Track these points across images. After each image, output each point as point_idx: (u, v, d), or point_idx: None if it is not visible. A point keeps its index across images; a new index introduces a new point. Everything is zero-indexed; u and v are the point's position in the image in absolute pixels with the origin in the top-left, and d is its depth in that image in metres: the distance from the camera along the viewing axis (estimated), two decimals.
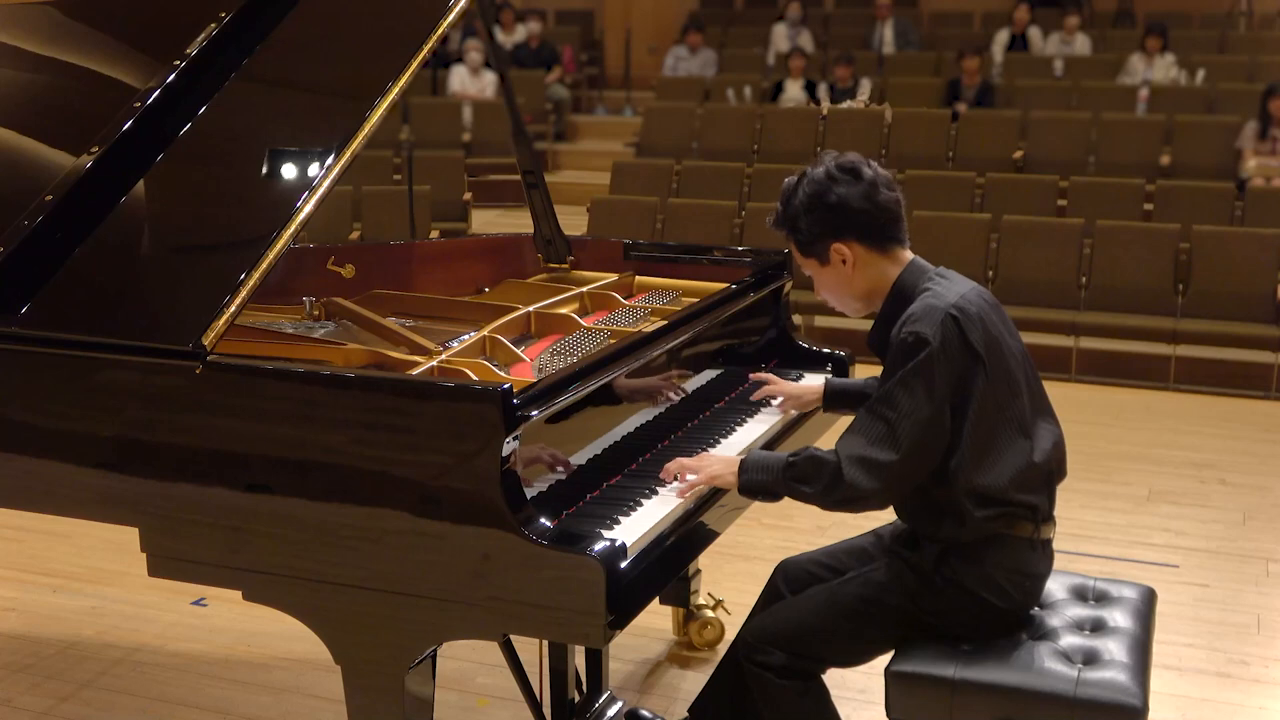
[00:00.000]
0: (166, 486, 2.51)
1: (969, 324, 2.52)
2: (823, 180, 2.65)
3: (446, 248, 4.00)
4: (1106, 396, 6.83)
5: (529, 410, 2.36)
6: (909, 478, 2.54)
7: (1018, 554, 2.61)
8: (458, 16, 2.95)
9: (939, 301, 2.55)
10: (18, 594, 4.28)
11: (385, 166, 9.57)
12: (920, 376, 2.49)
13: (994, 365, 2.54)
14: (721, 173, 8.79)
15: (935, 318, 2.51)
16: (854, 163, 2.68)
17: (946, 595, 2.62)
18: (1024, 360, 2.66)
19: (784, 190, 2.73)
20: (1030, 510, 2.60)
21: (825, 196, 2.64)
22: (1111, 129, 9.17)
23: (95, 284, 2.76)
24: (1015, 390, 2.58)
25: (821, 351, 3.62)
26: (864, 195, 2.63)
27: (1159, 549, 4.73)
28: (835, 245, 2.66)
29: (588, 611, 2.24)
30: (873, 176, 2.66)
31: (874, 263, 2.67)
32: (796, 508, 2.64)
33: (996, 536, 2.59)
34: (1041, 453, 2.61)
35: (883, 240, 2.66)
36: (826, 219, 2.64)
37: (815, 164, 2.71)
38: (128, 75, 3.08)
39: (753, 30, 13.48)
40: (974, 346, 2.51)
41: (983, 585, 2.60)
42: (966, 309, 2.54)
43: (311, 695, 3.60)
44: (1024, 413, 2.59)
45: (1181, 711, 3.56)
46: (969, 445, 2.52)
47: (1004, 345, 2.59)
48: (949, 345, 2.49)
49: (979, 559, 2.59)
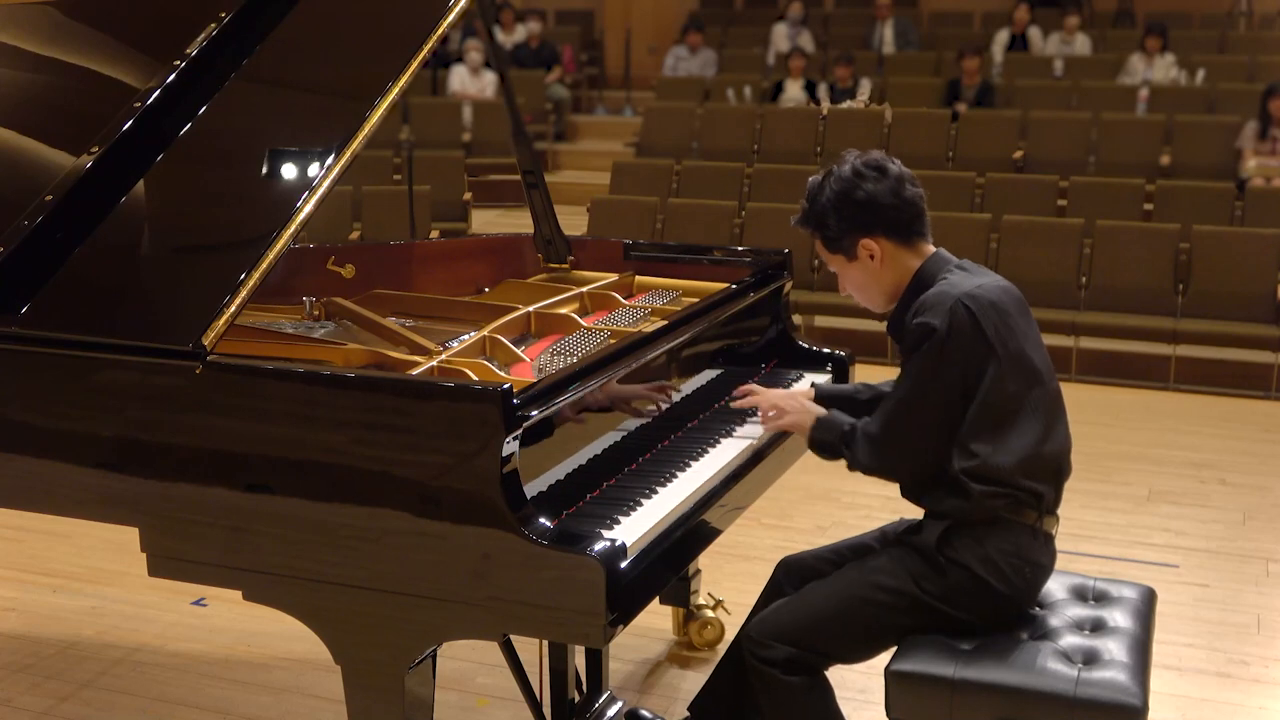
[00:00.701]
0: (166, 486, 2.51)
1: (981, 311, 2.57)
2: (850, 177, 2.71)
3: (446, 248, 4.00)
4: (1106, 396, 6.83)
5: (529, 410, 2.36)
6: (918, 457, 2.65)
7: (1019, 539, 2.63)
8: (458, 16, 2.95)
9: (952, 290, 2.62)
10: (18, 594, 4.28)
11: (385, 166, 9.57)
12: (927, 363, 2.58)
13: (1008, 351, 2.58)
14: (721, 173, 8.79)
15: (945, 305, 2.58)
16: (879, 160, 2.74)
17: (949, 576, 2.63)
18: (1045, 359, 2.69)
19: (809, 188, 2.78)
20: (1035, 498, 2.62)
21: (853, 193, 2.69)
22: (1111, 129, 9.17)
23: (95, 284, 2.76)
24: (1033, 379, 2.62)
25: (821, 351, 3.62)
26: (891, 191, 2.70)
27: (1159, 549, 4.73)
28: (864, 241, 2.71)
29: (588, 611, 2.24)
30: (898, 172, 2.73)
31: (900, 257, 2.73)
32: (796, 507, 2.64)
33: (999, 519, 2.62)
34: (1054, 443, 2.65)
35: (908, 235, 2.73)
36: (855, 215, 2.70)
37: (840, 162, 2.75)
38: (128, 75, 3.08)
39: (753, 30, 13.49)
40: (984, 332, 2.56)
41: (983, 566, 2.61)
42: (980, 297, 2.59)
43: (311, 695, 3.60)
44: (1040, 402, 2.63)
45: (1181, 711, 3.56)
46: (978, 423, 2.58)
47: (1022, 336, 2.63)
48: (956, 332, 2.55)
49: (981, 539, 2.62)
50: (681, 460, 2.81)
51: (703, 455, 2.86)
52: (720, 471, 2.82)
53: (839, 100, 10.20)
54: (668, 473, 2.74)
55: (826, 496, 4.96)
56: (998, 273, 2.76)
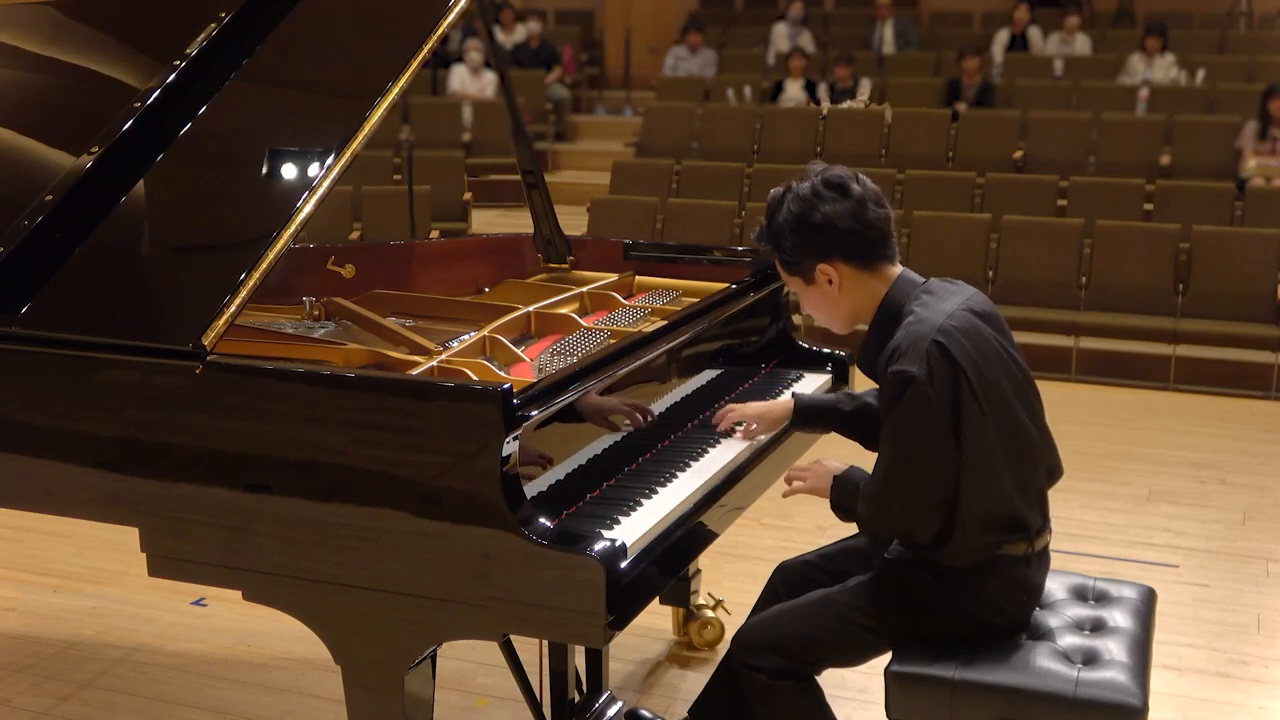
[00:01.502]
0: (166, 486, 2.51)
1: (953, 344, 2.45)
2: (808, 197, 2.57)
3: (446, 248, 4.00)
4: (1106, 396, 6.83)
5: (529, 410, 2.36)
6: (925, 509, 2.50)
7: (1013, 573, 2.59)
8: (458, 16, 2.95)
9: (923, 328, 2.47)
10: (18, 594, 4.28)
11: (385, 166, 9.57)
12: (912, 414, 2.44)
13: (984, 386, 2.47)
14: (721, 173, 8.79)
15: (920, 349, 2.44)
16: (841, 178, 2.58)
17: (942, 616, 2.61)
18: (1023, 375, 2.58)
19: (770, 201, 2.66)
20: (1024, 529, 2.57)
21: (810, 215, 2.55)
22: (1111, 129, 9.17)
23: (95, 284, 2.76)
24: (1011, 405, 2.51)
25: (821, 351, 3.62)
26: (851, 214, 2.55)
27: (1159, 549, 4.73)
28: (821, 266, 2.58)
29: (588, 611, 2.24)
30: (860, 193, 2.57)
31: (861, 281, 2.60)
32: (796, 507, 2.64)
33: (990, 560, 2.56)
34: (1038, 462, 2.59)
35: (870, 259, 2.59)
36: (812, 239, 2.56)
37: (802, 178, 2.62)
38: (128, 75, 3.08)
39: (753, 30, 13.48)
40: (960, 365, 2.44)
41: (980, 606, 2.59)
42: (951, 331, 2.46)
43: (311, 695, 3.60)
44: (1018, 424, 2.53)
45: (1181, 711, 3.56)
46: (965, 469, 2.47)
47: (996, 363, 2.51)
48: (936, 375, 2.43)
49: (975, 585, 2.57)
50: (681, 460, 2.81)
51: (703, 455, 2.86)
52: (720, 471, 2.82)
53: (839, 100, 10.20)
54: (668, 473, 2.74)
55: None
56: (998, 273, 2.74)
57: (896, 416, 2.47)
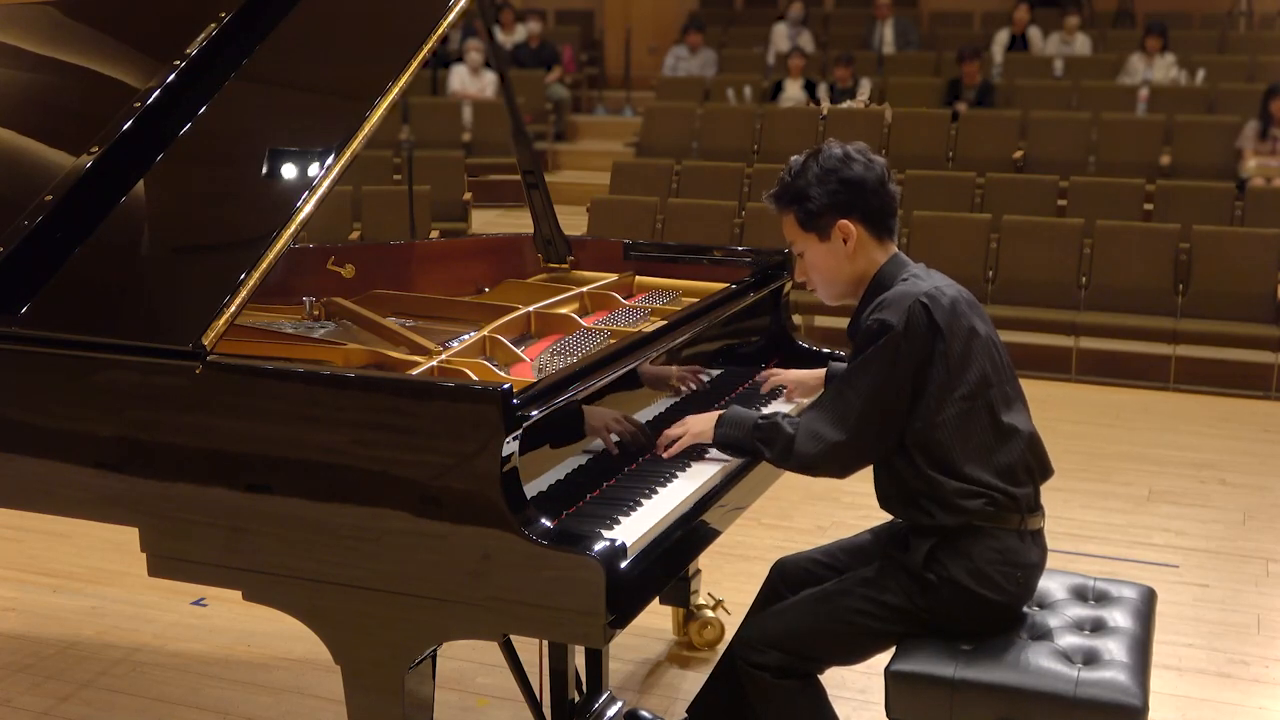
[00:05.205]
0: (166, 486, 2.51)
1: (938, 309, 2.58)
2: (840, 157, 2.72)
3: (446, 248, 4.00)
4: (1106, 396, 6.83)
5: (529, 410, 2.36)
6: (860, 455, 2.64)
7: (1006, 544, 2.62)
8: (458, 16, 2.95)
9: (912, 289, 2.61)
10: (18, 594, 4.28)
11: (385, 166, 9.57)
12: (881, 359, 2.56)
13: (962, 350, 2.59)
14: (721, 173, 8.79)
15: (904, 304, 2.58)
16: (867, 150, 2.76)
17: (940, 592, 2.62)
18: (1001, 355, 2.68)
19: (791, 165, 2.77)
20: (1013, 500, 2.61)
21: (843, 171, 2.70)
22: (1111, 129, 9.17)
23: (95, 284, 2.76)
24: (988, 380, 2.61)
25: (821, 351, 3.62)
26: (878, 179, 2.71)
27: (1159, 549, 4.73)
28: (842, 222, 2.70)
29: (588, 611, 2.24)
30: (883, 166, 2.75)
31: (869, 248, 2.73)
32: (796, 507, 2.64)
33: (982, 529, 2.60)
34: (1019, 441, 2.63)
35: (881, 228, 2.73)
36: (840, 192, 2.69)
37: (828, 144, 2.76)
38: (128, 75, 3.08)
39: (753, 30, 13.48)
40: (940, 328, 2.56)
41: (974, 579, 2.60)
42: (938, 297, 2.60)
43: (311, 695, 3.60)
44: (998, 402, 2.62)
45: (1181, 711, 3.56)
46: (940, 430, 2.57)
47: (978, 335, 2.63)
48: (913, 329, 2.55)
49: (967, 553, 2.60)
50: (681, 460, 2.81)
51: (703, 456, 2.86)
52: (720, 471, 2.82)
53: (839, 100, 10.19)
54: (668, 473, 2.74)
55: (826, 496, 4.95)
56: (998, 273, 2.77)
57: (867, 357, 2.58)
